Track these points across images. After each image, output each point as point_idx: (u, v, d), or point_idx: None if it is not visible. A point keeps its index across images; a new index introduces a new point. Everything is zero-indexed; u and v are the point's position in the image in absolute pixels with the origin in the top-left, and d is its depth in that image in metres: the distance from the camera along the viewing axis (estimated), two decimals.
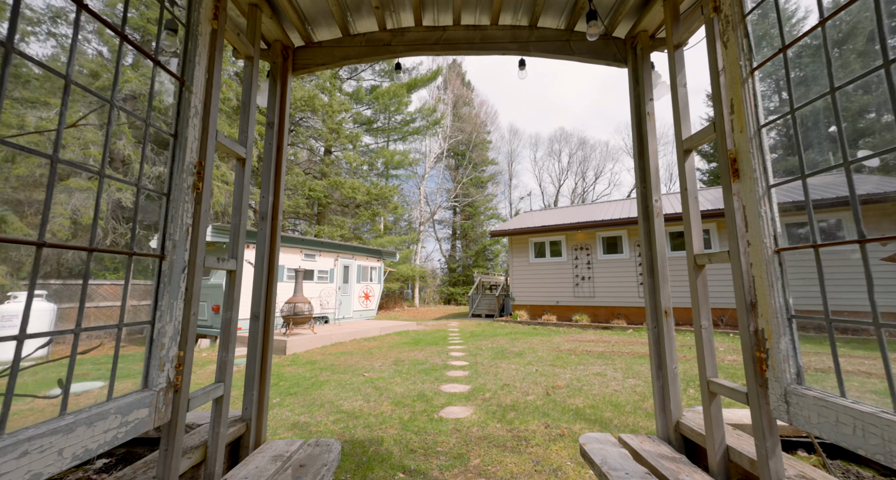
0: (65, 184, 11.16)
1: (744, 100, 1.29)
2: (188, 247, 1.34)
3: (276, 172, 2.04)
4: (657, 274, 1.88)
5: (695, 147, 1.63)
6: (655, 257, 1.89)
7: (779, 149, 21.80)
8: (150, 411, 1.15)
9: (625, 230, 12.87)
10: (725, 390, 1.41)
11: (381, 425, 3.78)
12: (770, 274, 1.20)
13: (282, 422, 3.96)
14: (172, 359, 1.25)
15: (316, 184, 18.05)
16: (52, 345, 8.56)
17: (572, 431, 3.48)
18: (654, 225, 1.91)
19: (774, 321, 1.18)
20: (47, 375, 6.86)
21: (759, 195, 1.24)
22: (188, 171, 1.33)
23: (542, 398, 4.53)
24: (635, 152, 2.03)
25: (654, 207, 1.93)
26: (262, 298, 1.91)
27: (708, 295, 1.56)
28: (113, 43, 13.96)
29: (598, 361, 6.60)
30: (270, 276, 1.96)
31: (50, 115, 10.89)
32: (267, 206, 1.98)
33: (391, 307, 22.93)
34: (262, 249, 1.94)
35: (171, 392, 1.25)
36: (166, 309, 1.23)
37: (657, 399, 1.84)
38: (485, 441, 3.32)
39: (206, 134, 1.43)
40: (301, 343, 8.49)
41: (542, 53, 2.17)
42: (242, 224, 1.70)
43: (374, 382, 5.39)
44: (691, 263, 1.59)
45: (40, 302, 8.33)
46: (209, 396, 1.46)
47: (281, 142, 2.07)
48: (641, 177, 2.00)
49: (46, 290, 9.64)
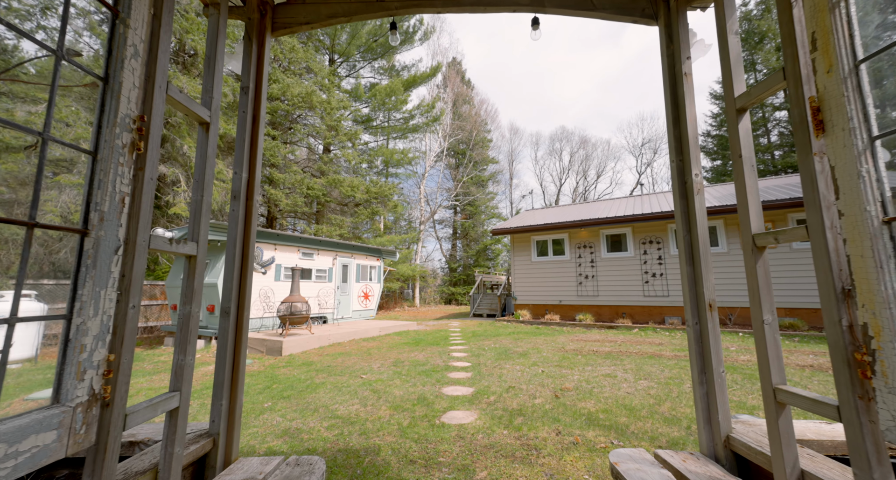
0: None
1: (833, 31, 1.01)
2: (124, 222, 1.05)
3: (252, 144, 1.75)
4: (698, 262, 1.59)
5: (751, 105, 1.35)
6: (696, 241, 1.61)
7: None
8: (59, 434, 0.86)
9: (629, 227, 12.58)
10: (802, 401, 1.12)
11: (379, 431, 3.50)
12: (878, 252, 0.91)
13: (272, 429, 3.68)
14: (98, 365, 0.97)
15: (314, 183, 17.76)
16: (41, 347, 8.27)
17: (586, 439, 3.19)
18: (695, 203, 1.63)
19: (886, 313, 0.89)
20: (32, 377, 6.58)
21: (859, 150, 0.96)
22: (123, 126, 1.05)
23: (551, 401, 4.24)
24: (669, 120, 1.75)
25: (693, 182, 1.64)
26: (233, 291, 1.62)
27: (770, 283, 1.28)
28: None
29: (606, 362, 6.31)
30: (244, 265, 1.67)
31: None
32: (240, 184, 1.69)
33: (391, 307, 22.65)
34: (235, 233, 1.66)
35: (97, 407, 0.96)
36: (89, 300, 0.95)
37: (701, 408, 1.55)
38: (491, 450, 3.04)
39: (151, 84, 1.15)
40: (298, 343, 8.21)
41: (558, 9, 1.88)
42: (206, 201, 1.41)
43: (372, 384, 5.11)
44: (748, 245, 1.31)
45: (30, 303, 8.05)
46: (158, 409, 1.18)
47: (258, 110, 1.78)
48: (677, 147, 1.72)
49: (37, 290, 9.37)
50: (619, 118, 67.92)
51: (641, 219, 12.00)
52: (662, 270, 11.80)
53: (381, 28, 21.90)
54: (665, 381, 4.98)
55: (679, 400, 4.21)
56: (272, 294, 10.29)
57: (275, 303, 10.25)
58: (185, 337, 1.33)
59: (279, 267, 10.68)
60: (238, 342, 1.62)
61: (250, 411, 4.24)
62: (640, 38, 69.19)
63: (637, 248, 12.35)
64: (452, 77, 31.34)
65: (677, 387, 4.69)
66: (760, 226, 1.32)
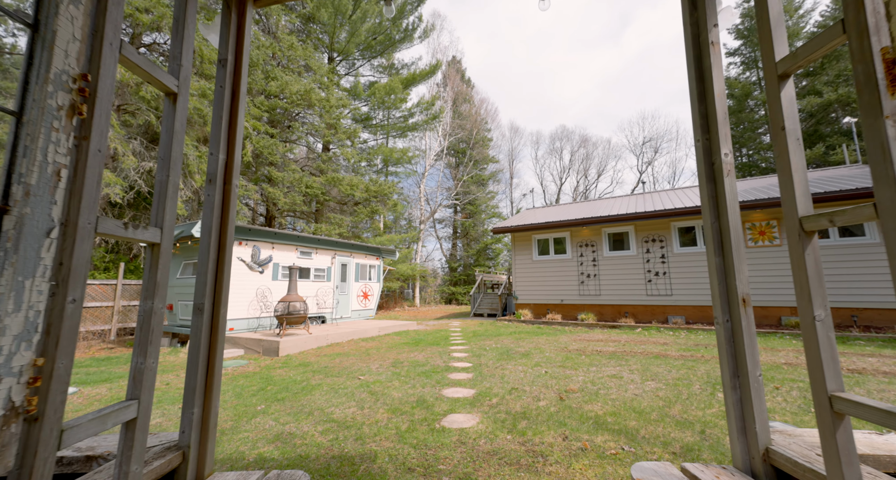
0: None
1: None
2: (60, 200, 0.88)
3: (232, 123, 1.58)
4: (729, 251, 1.42)
5: (796, 69, 1.17)
6: (727, 229, 1.43)
7: None
8: None
9: (631, 226, 12.41)
10: (868, 412, 0.95)
11: (376, 436, 3.33)
12: None
13: (264, 433, 3.50)
14: (20, 371, 0.79)
15: (313, 181, 17.59)
16: None
17: (595, 444, 3.02)
18: (724, 186, 1.45)
19: None
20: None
21: None
22: (58, 84, 0.87)
23: (556, 403, 4.07)
24: (693, 95, 1.57)
25: (723, 163, 1.46)
26: (207, 285, 1.44)
27: (822, 274, 1.10)
28: None
29: (610, 362, 6.14)
30: (221, 256, 1.50)
31: None
32: (217, 166, 1.52)
33: (391, 307, 22.48)
34: (210, 220, 1.48)
35: (18, 423, 0.79)
36: (7, 292, 0.77)
37: (734, 416, 1.37)
38: (494, 456, 2.86)
39: (99, 39, 0.97)
40: (295, 343, 8.04)
41: None
42: (172, 181, 1.24)
43: (370, 386, 4.94)
44: (794, 229, 1.13)
45: None
46: (109, 421, 1.00)
47: (237, 85, 1.60)
48: (703, 125, 1.54)
49: None
50: (620, 117, 67.78)
51: (644, 217, 11.82)
52: (665, 269, 11.63)
53: (381, 26, 21.73)
54: (673, 382, 4.81)
55: (689, 402, 4.04)
56: (269, 293, 10.12)
57: (272, 303, 10.08)
58: (145, 337, 1.16)
59: (277, 266, 10.51)
60: (213, 342, 1.45)
61: (242, 414, 4.07)
62: (641, 38, 69.01)
63: (640, 247, 12.17)
64: (452, 76, 31.17)
65: (686, 389, 4.51)
66: (809, 207, 1.14)
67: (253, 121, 14.78)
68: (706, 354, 6.60)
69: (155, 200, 1.22)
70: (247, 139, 14.68)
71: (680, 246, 11.62)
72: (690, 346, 7.52)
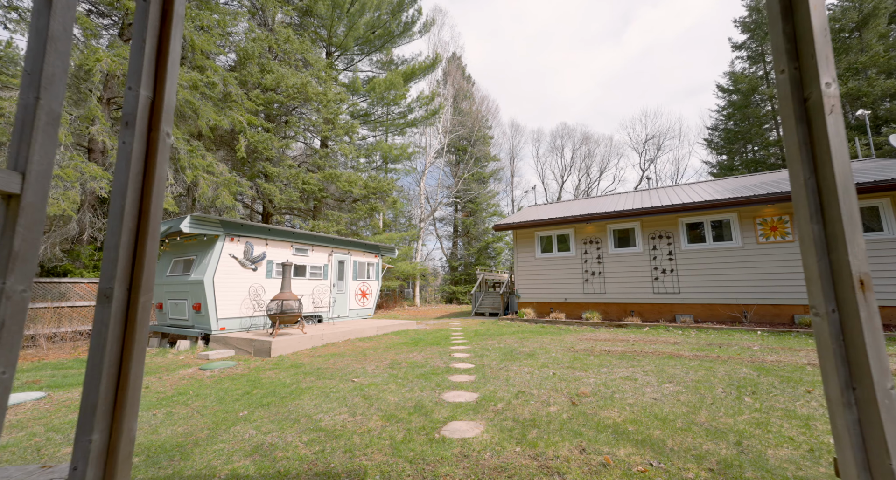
0: None
1: None
2: None
3: (162, 48, 1.18)
4: (835, 217, 1.02)
5: None
6: (831, 185, 1.04)
7: None
8: None
9: (637, 222, 12.01)
10: None
11: (367, 448, 2.94)
12: None
13: (241, 444, 3.11)
14: None
15: (310, 177, 17.17)
16: None
17: (618, 458, 2.62)
18: (826, 128, 1.06)
19: None
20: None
21: None
22: None
23: (568, 409, 3.68)
24: (775, 11, 1.18)
25: (823, 96, 1.07)
26: (119, 262, 1.05)
27: None
28: None
29: (622, 363, 5.75)
30: (143, 226, 1.10)
31: None
32: (135, 104, 1.12)
33: (390, 306, 22.09)
34: (125, 177, 1.09)
35: None
36: None
37: (849, 444, 0.98)
38: (503, 473, 2.47)
39: None
40: (288, 343, 7.65)
41: None
42: (43, 106, 0.84)
43: (365, 389, 4.55)
44: None
45: None
46: None
47: (170, 2, 1.21)
48: (789, 50, 1.15)
49: None
50: (622, 115, 67.35)
51: (650, 213, 11.43)
52: (673, 266, 11.23)
53: (380, 19, 21.33)
54: (693, 385, 4.42)
55: (716, 407, 3.64)
56: (263, 292, 9.73)
57: (265, 302, 9.69)
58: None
59: (271, 263, 10.12)
60: (128, 341, 1.05)
61: (222, 422, 3.68)
62: (643, 36, 68.55)
63: (646, 243, 11.78)
64: (453, 72, 30.77)
65: (709, 392, 4.12)
66: None
67: (248, 116, 14.38)
68: (722, 354, 6.20)
69: (16, 133, 0.83)
70: (241, 134, 14.29)
71: (688, 242, 11.23)
72: (703, 346, 7.12)
